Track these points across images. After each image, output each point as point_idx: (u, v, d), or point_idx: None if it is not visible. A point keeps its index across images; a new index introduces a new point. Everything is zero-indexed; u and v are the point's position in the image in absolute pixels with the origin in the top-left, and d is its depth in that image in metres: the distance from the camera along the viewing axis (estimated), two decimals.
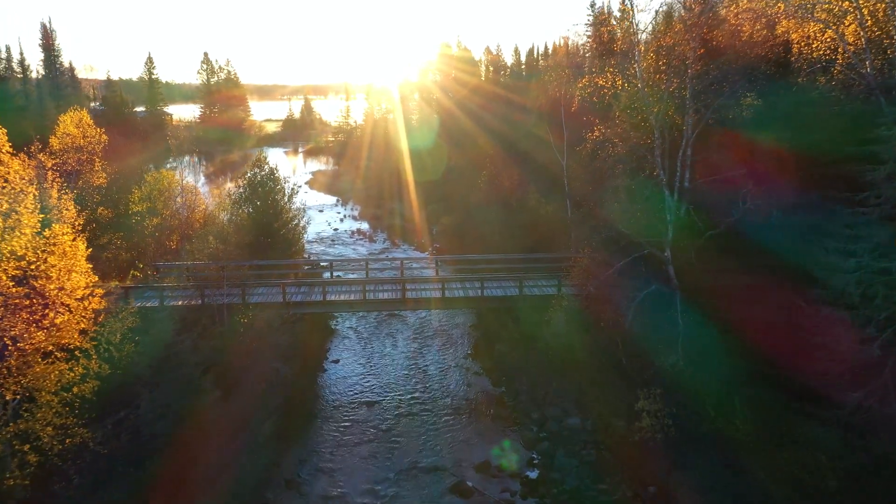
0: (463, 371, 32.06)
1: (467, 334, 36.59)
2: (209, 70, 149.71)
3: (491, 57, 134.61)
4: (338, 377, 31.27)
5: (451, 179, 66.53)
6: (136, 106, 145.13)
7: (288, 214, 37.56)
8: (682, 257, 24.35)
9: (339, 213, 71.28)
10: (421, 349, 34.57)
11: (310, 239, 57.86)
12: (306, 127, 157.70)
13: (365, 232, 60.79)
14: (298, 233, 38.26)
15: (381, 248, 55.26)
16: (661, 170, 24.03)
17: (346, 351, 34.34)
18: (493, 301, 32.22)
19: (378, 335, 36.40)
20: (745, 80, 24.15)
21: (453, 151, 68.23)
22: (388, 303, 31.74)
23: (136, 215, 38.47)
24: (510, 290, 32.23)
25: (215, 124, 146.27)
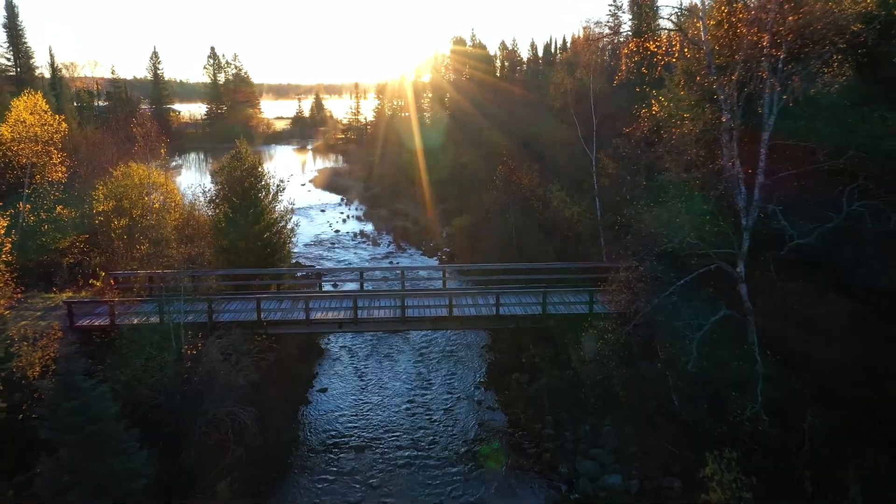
0: (473, 405, 26.65)
1: (479, 358, 31.16)
2: (216, 65, 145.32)
3: (506, 52, 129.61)
4: (323, 412, 25.95)
5: (464, 178, 61.23)
6: (141, 104, 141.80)
7: (272, 215, 32.33)
8: (758, 274, 18.81)
9: (342, 212, 66.13)
10: (424, 376, 29.20)
11: (307, 242, 52.79)
12: (316, 124, 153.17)
13: (368, 234, 55.55)
14: (285, 237, 33.01)
15: (384, 253, 49.96)
16: (735, 159, 18.44)
17: (336, 377, 29.04)
18: (511, 321, 26.80)
19: (375, 357, 31.07)
20: (841, 45, 18.53)
21: (467, 149, 62.88)
22: (385, 323, 26.41)
23: (101, 215, 33.47)
24: (531, 308, 26.79)
25: (222, 121, 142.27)
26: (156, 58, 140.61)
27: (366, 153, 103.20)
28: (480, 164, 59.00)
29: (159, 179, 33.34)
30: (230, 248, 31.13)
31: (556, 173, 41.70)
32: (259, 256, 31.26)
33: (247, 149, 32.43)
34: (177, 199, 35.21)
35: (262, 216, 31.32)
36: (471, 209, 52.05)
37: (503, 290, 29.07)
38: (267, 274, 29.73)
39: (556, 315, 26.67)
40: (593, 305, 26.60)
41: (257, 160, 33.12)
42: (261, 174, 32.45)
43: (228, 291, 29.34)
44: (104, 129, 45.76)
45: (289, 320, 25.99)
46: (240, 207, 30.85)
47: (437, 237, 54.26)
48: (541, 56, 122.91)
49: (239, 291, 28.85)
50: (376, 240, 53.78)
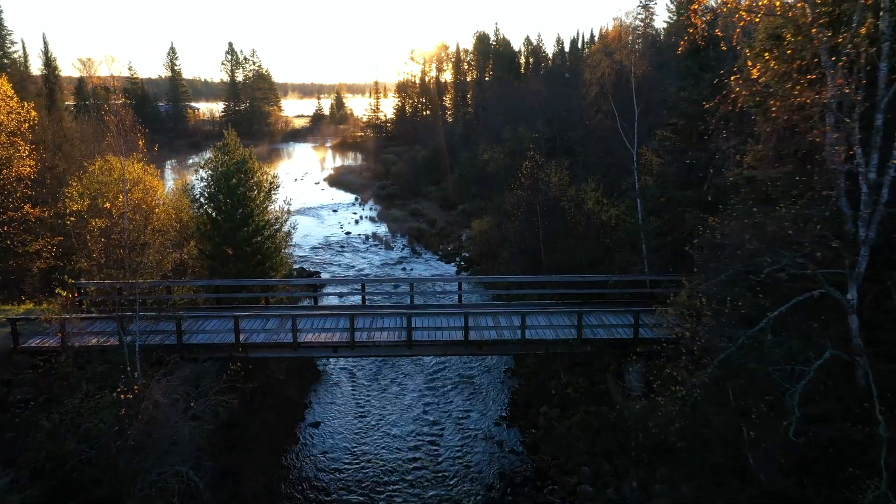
0: (493, 448, 22.19)
1: (501, 385, 26.70)
2: (234, 61, 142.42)
3: (531, 48, 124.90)
4: (311, 456, 21.67)
5: (486, 177, 56.78)
6: (159, 102, 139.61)
7: (263, 217, 28.17)
8: (871, 301, 14.08)
9: (354, 213, 62.01)
10: (436, 407, 24.82)
11: (314, 244, 48.73)
12: (336, 122, 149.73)
13: (381, 237, 51.30)
14: (279, 242, 28.82)
15: (397, 258, 45.66)
16: (855, 147, 13.66)
17: (332, 408, 24.76)
18: (540, 346, 22.29)
19: (379, 382, 26.77)
20: None
21: (489, 145, 58.40)
22: (388, 347, 22.03)
23: (75, 215, 29.55)
24: (564, 331, 22.25)
25: (240, 118, 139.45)
26: (173, 53, 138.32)
27: (383, 151, 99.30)
28: (504, 162, 54.56)
29: (136, 175, 29.28)
30: (214, 254, 27.04)
31: (589, 170, 37.14)
32: (248, 264, 27.13)
33: (235, 140, 28.29)
34: (160, 196, 31.14)
35: (250, 218, 27.16)
36: (493, 210, 47.62)
37: (529, 308, 24.63)
38: (253, 285, 25.56)
39: (593, 340, 22.13)
40: (639, 329, 22.03)
41: (248, 153, 28.98)
42: (251, 169, 28.29)
43: (208, 306, 25.25)
44: (83, 122, 41.94)
45: (273, 343, 21.76)
46: (225, 208, 26.72)
47: (455, 240, 49.85)
48: (567, 51, 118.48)
49: (220, 306, 24.75)
50: (389, 243, 49.51)
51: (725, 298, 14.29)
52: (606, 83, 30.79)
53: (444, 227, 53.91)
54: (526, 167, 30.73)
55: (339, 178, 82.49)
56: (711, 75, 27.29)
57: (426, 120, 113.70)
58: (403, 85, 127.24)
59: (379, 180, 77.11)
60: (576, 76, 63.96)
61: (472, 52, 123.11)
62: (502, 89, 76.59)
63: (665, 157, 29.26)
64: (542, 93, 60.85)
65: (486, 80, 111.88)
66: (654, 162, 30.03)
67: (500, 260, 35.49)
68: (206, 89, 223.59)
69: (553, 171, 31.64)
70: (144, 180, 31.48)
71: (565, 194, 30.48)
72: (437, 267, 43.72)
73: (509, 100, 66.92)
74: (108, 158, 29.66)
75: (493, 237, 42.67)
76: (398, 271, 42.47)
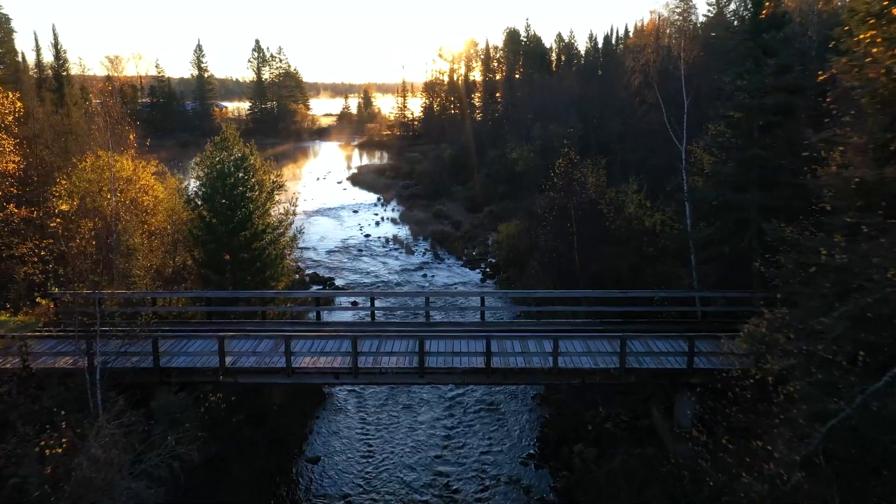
0: (518, 494, 18.91)
1: (529, 415, 23.38)
2: (261, 59, 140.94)
3: (562, 44, 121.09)
4: (306, 501, 18.63)
5: (514, 176, 53.49)
6: (186, 101, 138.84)
7: (264, 221, 25.29)
8: None
9: (376, 214, 59.08)
10: (454, 440, 21.61)
11: (331, 248, 45.91)
12: (364, 121, 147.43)
13: (402, 240, 48.23)
14: (281, 248, 25.87)
15: (418, 263, 42.53)
16: None
17: (335, 440, 21.70)
18: (575, 376, 18.93)
19: (390, 407, 23.65)
20: None
21: (518, 143, 55.00)
22: (397, 374, 18.89)
23: (62, 216, 27.05)
24: (603, 359, 18.89)
25: (267, 116, 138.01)
26: (199, 51, 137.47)
27: (409, 149, 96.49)
28: (533, 161, 51.16)
29: (128, 172, 26.65)
30: (208, 261, 24.22)
31: (628, 170, 33.57)
32: (246, 273, 24.26)
33: (234, 135, 25.44)
34: (158, 195, 28.44)
35: (249, 221, 24.26)
36: (522, 213, 44.27)
37: (563, 331, 21.29)
38: (250, 298, 22.64)
39: (639, 370, 18.73)
40: (694, 358, 18.55)
41: (249, 149, 26.14)
42: (252, 167, 25.43)
43: (198, 321, 22.40)
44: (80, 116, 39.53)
45: (264, 368, 18.77)
46: (221, 210, 23.87)
47: (480, 245, 46.58)
48: (601, 47, 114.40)
49: (211, 321, 21.87)
50: (411, 247, 46.42)
51: (832, 337, 10.77)
52: (651, 71, 27.21)
53: (470, 229, 50.65)
54: (559, 166, 27.32)
55: (362, 178, 79.76)
56: (777, 60, 23.73)
57: (454, 118, 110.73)
58: (431, 83, 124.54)
59: (403, 180, 74.15)
60: (609, 73, 60.29)
61: (502, 50, 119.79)
62: (533, 85, 72.98)
63: (719, 154, 25.65)
64: (575, 87, 57.27)
65: (515, 77, 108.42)
66: (705, 160, 26.41)
67: (528, 269, 32.12)
68: (237, 88, 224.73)
69: (589, 170, 28.17)
70: (141, 178, 29.09)
71: (603, 197, 26.97)
72: (460, 273, 40.51)
73: (540, 96, 63.38)
74: (101, 154, 27.10)
75: (522, 242, 39.33)
76: (418, 277, 39.36)
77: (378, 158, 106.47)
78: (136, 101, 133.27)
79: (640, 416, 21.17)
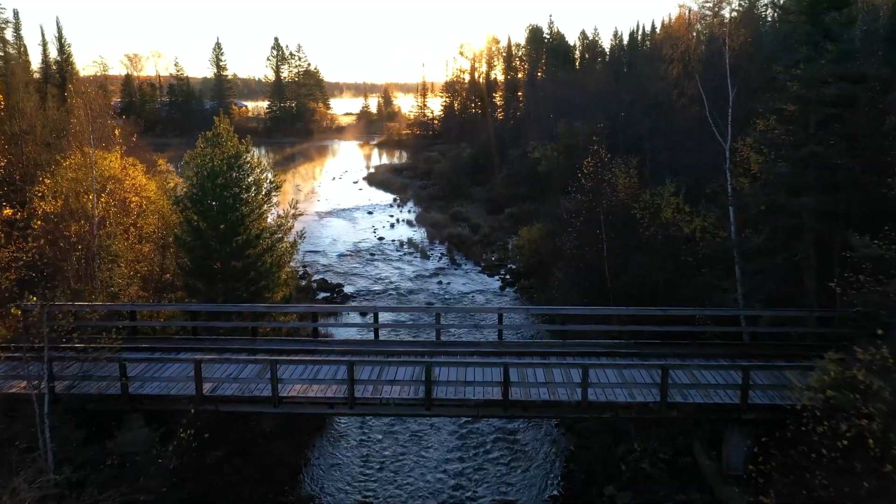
0: None
1: (552, 446, 20.65)
2: (279, 57, 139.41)
3: (587, 41, 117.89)
4: None
5: (536, 176, 50.79)
6: (205, 100, 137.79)
7: (259, 225, 22.89)
8: None
9: (391, 215, 56.62)
10: (466, 477, 18.97)
11: (342, 252, 43.57)
12: (384, 120, 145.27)
13: (417, 244, 45.67)
14: (279, 255, 23.44)
15: (433, 269, 39.95)
16: None
17: (333, 475, 19.16)
18: (607, 410, 16.23)
19: (395, 437, 21.06)
20: None
21: (541, 142, 52.20)
22: (401, 406, 16.36)
23: (43, 218, 24.95)
24: (640, 392, 16.20)
25: (286, 114, 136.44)
26: (219, 49, 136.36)
27: (428, 148, 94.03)
28: (557, 161, 48.39)
29: (114, 170, 24.46)
30: (196, 270, 21.87)
31: (662, 170, 30.63)
32: (238, 284, 21.88)
33: (228, 129, 23.07)
34: (150, 195, 26.20)
35: (241, 225, 21.86)
36: (544, 216, 41.57)
37: (592, 351, 18.62)
38: (238, 312, 20.23)
39: (683, 405, 16.00)
40: (748, 391, 15.76)
41: (245, 147, 23.76)
42: (246, 165, 23.05)
43: (181, 337, 20.04)
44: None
45: (248, 397, 16.35)
46: (210, 213, 21.50)
47: (500, 249, 43.89)
48: (626, 44, 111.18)
49: (193, 340, 19.49)
50: (426, 251, 43.85)
51: None
52: (692, 59, 24.31)
53: (489, 233, 47.97)
54: (587, 165, 24.56)
55: (379, 177, 77.40)
56: (838, 45, 20.78)
57: (474, 117, 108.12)
58: (451, 82, 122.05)
59: (420, 180, 71.64)
60: (639, 68, 57.15)
61: (524, 47, 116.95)
62: (556, 82, 70.08)
63: (769, 152, 22.74)
64: (602, 83, 54.32)
65: (538, 75, 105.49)
66: (752, 159, 23.51)
67: (552, 278, 29.34)
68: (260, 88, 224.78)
69: (620, 170, 25.36)
70: (131, 177, 26.91)
71: (637, 200, 24.15)
72: (477, 280, 37.86)
73: (565, 93, 60.49)
74: (87, 151, 24.92)
75: (544, 247, 36.60)
76: (433, 285, 36.79)
77: (397, 158, 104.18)
78: (154, 99, 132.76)
79: (682, 454, 18.40)
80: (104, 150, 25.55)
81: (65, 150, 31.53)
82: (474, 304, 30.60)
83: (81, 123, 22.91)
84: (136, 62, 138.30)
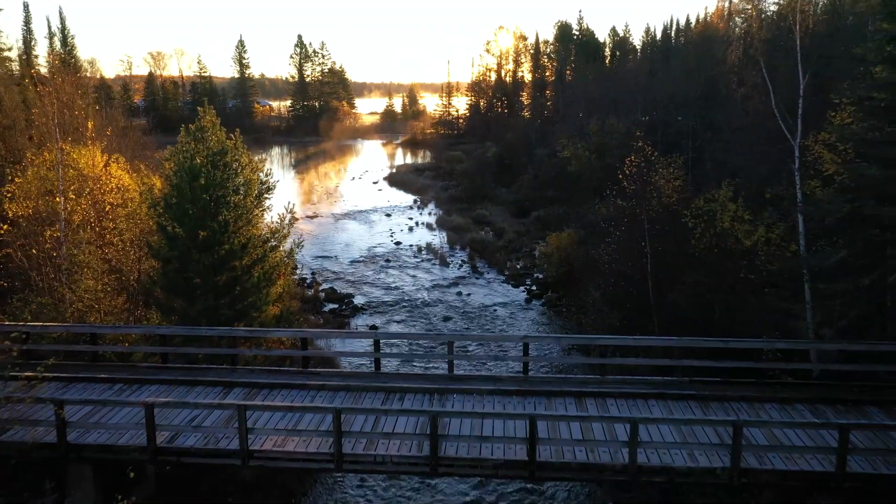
0: None
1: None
2: (303, 54, 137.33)
3: (617, 38, 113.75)
4: None
5: (566, 178, 47.32)
6: (228, 99, 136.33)
7: (247, 232, 19.80)
8: None
9: (410, 218, 53.44)
10: None
11: (355, 258, 40.52)
12: (408, 118, 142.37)
13: (436, 249, 42.40)
14: (270, 268, 20.28)
15: (453, 278, 36.64)
16: None
17: None
18: (660, 474, 12.76)
19: (401, 484, 17.80)
20: None
21: (571, 141, 48.61)
22: (400, 464, 13.09)
23: (10, 222, 22.20)
24: (703, 453, 12.70)
25: (309, 112, 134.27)
26: (241, 47, 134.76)
27: (452, 147, 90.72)
28: (588, 161, 44.88)
29: (90, 169, 21.60)
30: (171, 284, 18.85)
31: (710, 171, 26.97)
32: (220, 300, 18.80)
33: (213, 122, 20.04)
34: (134, 196, 23.26)
35: (225, 233, 18.78)
36: (575, 220, 38.15)
37: (638, 393, 15.17)
38: (215, 336, 17.13)
39: (760, 472, 12.48)
40: (847, 457, 12.19)
41: (234, 142, 20.71)
42: (232, 164, 20.00)
43: (149, 365, 17.01)
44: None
45: (212, 450, 13.22)
46: (188, 218, 18.45)
47: (526, 256, 40.45)
48: (658, 40, 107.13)
49: (165, 367, 16.44)
50: (445, 257, 40.55)
51: None
52: (755, 41, 20.62)
53: (514, 238, 44.55)
54: (631, 164, 21.03)
55: (399, 177, 74.34)
56: None
57: (500, 115, 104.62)
58: (477, 80, 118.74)
59: (443, 180, 68.39)
60: (681, 58, 53.28)
61: (552, 44, 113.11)
62: (588, 77, 66.30)
63: (850, 151, 19.07)
64: (640, 74, 50.59)
65: (567, 72, 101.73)
66: (826, 159, 19.79)
67: (586, 295, 25.79)
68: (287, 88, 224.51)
69: (667, 171, 21.76)
70: (117, 177, 24.05)
71: (688, 206, 20.54)
72: (500, 291, 34.45)
73: (597, 88, 56.80)
74: (63, 147, 22.09)
75: (575, 256, 33.13)
76: (451, 296, 33.49)
77: (420, 157, 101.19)
78: (177, 98, 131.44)
79: None
80: (79, 146, 22.75)
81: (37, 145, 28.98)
82: (494, 333, 26.84)
83: (47, 115, 20.02)
84: (160, 60, 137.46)
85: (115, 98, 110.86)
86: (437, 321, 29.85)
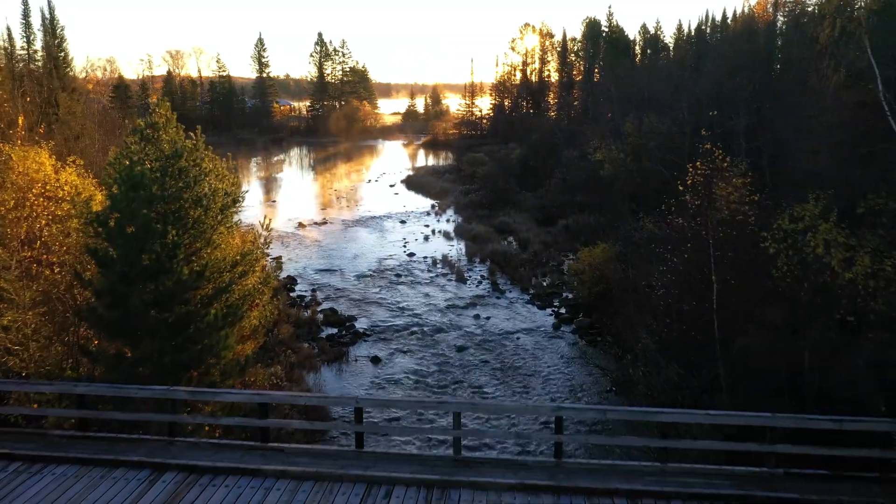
0: None
1: None
2: (323, 53, 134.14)
3: (648, 36, 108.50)
4: None
5: (598, 182, 42.81)
6: (247, 98, 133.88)
7: (205, 256, 15.74)
8: None
9: (427, 225, 49.23)
10: None
11: (362, 272, 36.39)
12: (430, 119, 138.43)
13: (453, 262, 38.11)
14: (241, 300, 16.18)
15: (469, 297, 32.31)
16: None
17: None
18: None
19: None
20: None
21: (603, 142, 44.03)
22: None
23: None
24: None
25: (330, 112, 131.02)
26: (261, 45, 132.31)
27: (474, 149, 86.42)
28: (624, 164, 40.31)
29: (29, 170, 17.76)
30: (108, 323, 14.83)
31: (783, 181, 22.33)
32: (167, 344, 14.75)
33: (168, 118, 16.00)
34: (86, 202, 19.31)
35: (174, 258, 14.71)
36: (609, 230, 33.73)
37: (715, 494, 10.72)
38: (146, 398, 13.05)
39: None
40: None
41: (194, 143, 16.68)
42: (191, 170, 15.94)
43: (62, 433, 12.96)
44: None
45: None
46: (125, 240, 14.41)
47: (553, 272, 36.04)
48: (692, 36, 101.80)
49: (81, 439, 12.38)
50: (463, 272, 36.25)
51: None
52: (853, 15, 15.97)
53: (539, 249, 40.14)
54: (697, 172, 16.54)
55: (417, 180, 70.20)
56: None
57: (524, 116, 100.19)
58: (502, 79, 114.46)
59: (463, 184, 64.14)
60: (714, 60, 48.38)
61: (580, 41, 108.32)
62: (622, 72, 61.51)
63: None
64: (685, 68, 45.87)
65: (595, 70, 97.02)
66: None
67: (622, 318, 21.31)
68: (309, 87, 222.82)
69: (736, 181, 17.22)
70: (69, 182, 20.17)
71: (768, 226, 15.99)
72: (524, 314, 30.09)
73: (632, 85, 52.08)
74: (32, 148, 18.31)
75: (611, 274, 28.70)
76: (468, 320, 29.22)
77: (441, 159, 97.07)
78: (195, 97, 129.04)
79: None
80: (25, 147, 18.93)
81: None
82: (515, 402, 20.76)
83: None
84: (178, 59, 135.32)
85: (133, 97, 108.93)
86: (449, 352, 25.63)
